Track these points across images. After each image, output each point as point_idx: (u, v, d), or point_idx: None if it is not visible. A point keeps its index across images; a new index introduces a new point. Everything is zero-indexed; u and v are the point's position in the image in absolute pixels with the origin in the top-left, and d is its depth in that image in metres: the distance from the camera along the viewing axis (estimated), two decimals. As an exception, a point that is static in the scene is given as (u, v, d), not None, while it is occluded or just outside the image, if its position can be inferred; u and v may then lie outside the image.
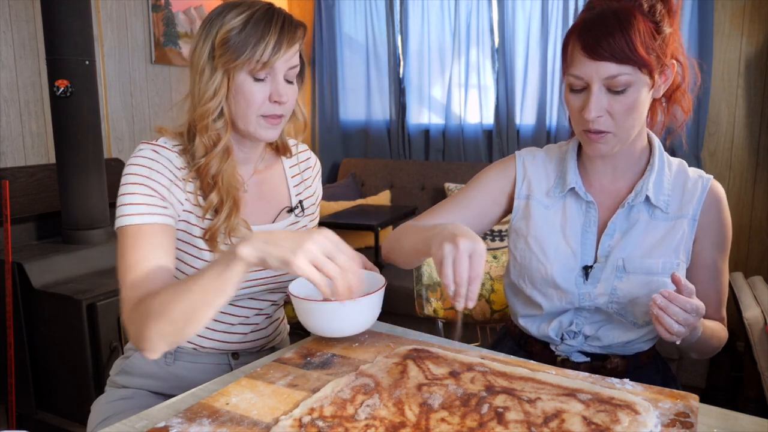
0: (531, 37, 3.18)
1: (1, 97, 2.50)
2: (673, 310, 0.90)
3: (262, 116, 1.01)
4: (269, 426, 0.73)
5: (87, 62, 2.28)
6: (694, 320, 0.91)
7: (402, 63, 3.57)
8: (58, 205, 2.40)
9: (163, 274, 0.93)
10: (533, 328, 1.15)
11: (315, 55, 3.72)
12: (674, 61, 1.02)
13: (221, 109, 1.00)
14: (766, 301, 2.07)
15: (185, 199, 1.01)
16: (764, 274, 2.55)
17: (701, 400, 0.79)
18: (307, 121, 1.14)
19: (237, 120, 1.02)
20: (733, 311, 1.48)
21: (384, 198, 3.44)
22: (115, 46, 2.93)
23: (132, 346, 1.13)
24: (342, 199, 3.34)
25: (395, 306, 2.77)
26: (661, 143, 1.12)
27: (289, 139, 1.19)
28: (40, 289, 2.14)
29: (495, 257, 1.59)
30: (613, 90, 0.97)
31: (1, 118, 2.50)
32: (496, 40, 3.28)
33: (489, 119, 3.39)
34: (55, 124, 2.30)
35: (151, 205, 0.95)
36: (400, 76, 3.59)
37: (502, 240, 2.78)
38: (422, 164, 3.49)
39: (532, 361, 0.93)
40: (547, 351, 1.14)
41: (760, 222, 2.74)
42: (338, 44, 3.74)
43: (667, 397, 0.78)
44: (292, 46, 0.99)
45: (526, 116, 3.27)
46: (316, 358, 0.93)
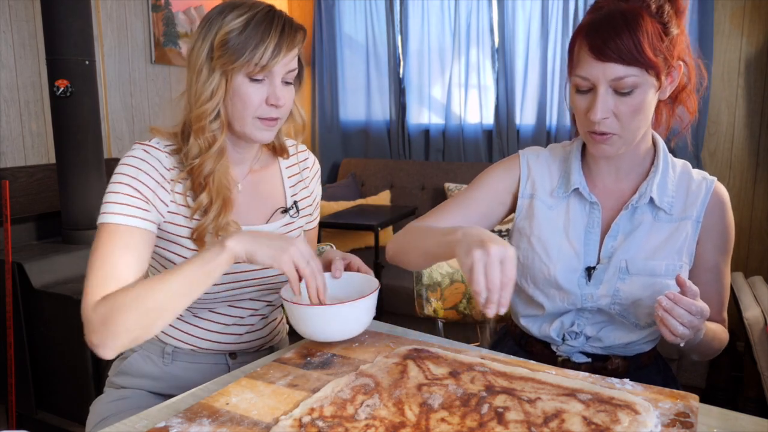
0: (531, 37, 3.18)
1: (1, 97, 2.50)
2: (678, 312, 0.90)
3: (258, 118, 1.00)
4: (269, 426, 0.73)
5: (87, 62, 2.28)
6: (698, 322, 0.91)
7: (402, 63, 3.57)
8: (58, 205, 2.40)
9: (128, 276, 0.92)
10: (534, 328, 1.15)
11: (315, 55, 3.72)
12: (681, 62, 1.01)
13: (218, 111, 0.99)
14: (766, 301, 2.07)
15: (171, 201, 1.01)
16: (764, 274, 2.55)
17: (701, 400, 0.79)
18: (306, 122, 1.13)
19: (233, 121, 1.01)
20: (733, 311, 1.48)
21: (384, 198, 3.44)
22: (115, 46, 2.93)
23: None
24: (342, 199, 3.34)
25: (395, 306, 2.77)
26: (666, 144, 1.11)
27: (288, 139, 1.18)
28: (40, 289, 2.14)
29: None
30: (620, 91, 0.96)
31: (1, 118, 2.50)
32: (496, 40, 3.28)
33: (489, 119, 3.39)
34: (55, 124, 2.30)
35: (134, 207, 0.95)
36: (400, 76, 3.59)
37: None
38: (422, 164, 3.49)
39: (532, 361, 0.92)
40: (548, 351, 1.14)
41: (760, 222, 2.74)
42: (338, 44, 3.74)
43: (667, 397, 0.78)
44: (292, 50, 0.99)
45: (526, 116, 3.28)
46: (316, 358, 0.93)
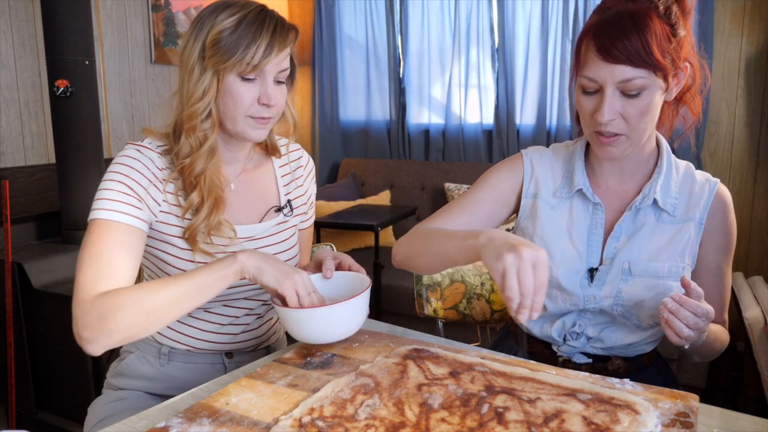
0: (531, 37, 3.18)
1: (1, 97, 2.50)
2: (684, 314, 0.90)
3: (251, 117, 1.00)
4: (269, 426, 0.73)
5: (87, 62, 2.28)
6: (703, 325, 0.91)
7: (402, 63, 3.57)
8: (58, 205, 2.40)
9: (124, 273, 0.92)
10: (536, 329, 1.15)
11: (315, 55, 3.72)
12: (687, 63, 1.00)
13: (209, 110, 0.99)
14: (766, 301, 2.07)
15: (163, 200, 1.01)
16: (764, 274, 2.55)
17: (701, 400, 0.78)
18: (297, 122, 1.13)
19: (225, 120, 1.01)
20: (733, 311, 1.48)
21: (384, 198, 3.44)
22: (115, 46, 2.93)
23: (128, 348, 1.13)
24: (342, 199, 3.34)
25: (395, 306, 2.77)
26: (669, 145, 1.10)
27: (280, 138, 1.18)
28: (40, 289, 2.14)
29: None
30: (627, 93, 0.95)
31: (1, 118, 2.50)
32: (496, 40, 3.28)
33: (489, 119, 3.39)
34: (55, 124, 2.30)
35: (126, 204, 0.96)
36: (400, 76, 3.59)
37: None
38: (422, 164, 3.49)
39: (532, 361, 0.92)
40: (549, 351, 1.14)
41: (760, 222, 2.74)
42: (338, 44, 3.74)
43: (667, 397, 0.78)
44: (284, 50, 0.98)
45: (526, 116, 3.27)
46: (316, 358, 0.93)
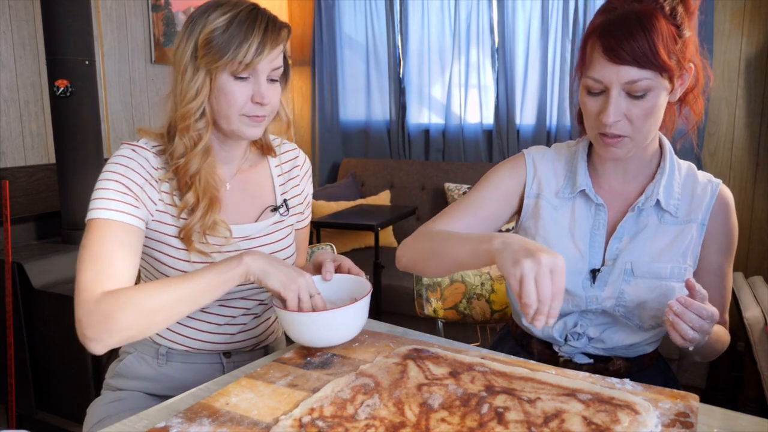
0: (531, 37, 3.18)
1: (1, 97, 2.50)
2: (689, 316, 0.89)
3: (245, 115, 1.00)
4: (269, 426, 0.73)
5: (87, 62, 2.28)
6: (708, 327, 0.91)
7: (402, 63, 3.57)
8: (58, 205, 2.40)
9: (125, 272, 0.92)
10: (537, 329, 1.14)
11: (315, 55, 3.72)
12: (691, 64, 0.99)
13: (203, 109, 1.00)
14: (766, 301, 2.07)
15: (159, 199, 1.01)
16: (764, 274, 2.55)
17: (701, 400, 0.79)
18: (291, 121, 1.13)
19: (219, 119, 1.01)
20: (733, 311, 1.48)
21: (384, 198, 3.44)
22: (115, 46, 2.93)
23: (126, 348, 1.13)
24: (342, 199, 3.34)
25: (395, 306, 2.77)
26: (672, 146, 1.10)
27: (275, 138, 1.18)
28: (40, 289, 2.14)
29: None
30: (633, 95, 0.95)
31: (1, 118, 2.50)
32: (496, 40, 3.27)
33: (489, 119, 3.39)
34: (55, 124, 2.30)
35: (124, 203, 0.95)
36: (400, 76, 3.59)
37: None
38: (422, 164, 3.49)
39: (532, 361, 0.92)
40: (549, 351, 1.14)
41: (760, 222, 2.74)
42: (338, 44, 3.73)
43: (667, 397, 0.78)
44: (276, 48, 0.99)
45: (526, 116, 3.27)
46: (316, 358, 0.93)
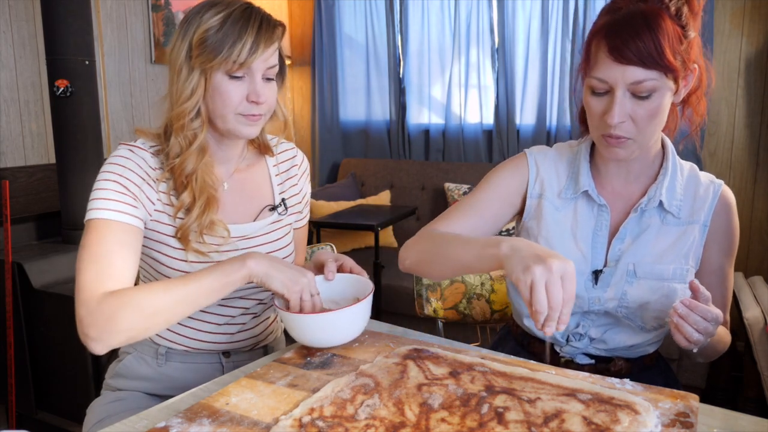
0: (531, 37, 3.18)
1: (1, 97, 2.50)
2: (694, 319, 0.89)
3: (241, 114, 1.00)
4: (269, 426, 0.73)
5: (87, 62, 2.28)
6: (713, 329, 0.91)
7: (402, 63, 3.57)
8: (58, 205, 2.40)
9: (125, 272, 0.92)
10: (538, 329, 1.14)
11: (315, 55, 3.72)
12: (695, 65, 0.99)
13: (198, 109, 1.00)
14: (766, 301, 2.07)
15: (157, 199, 1.02)
16: (764, 274, 2.55)
17: (701, 400, 0.79)
18: (288, 120, 1.13)
19: (215, 119, 1.01)
20: (733, 311, 1.48)
21: (384, 198, 3.44)
22: (115, 46, 2.93)
23: (126, 349, 1.13)
24: (342, 199, 3.33)
25: (395, 306, 2.76)
26: (674, 146, 1.09)
27: (272, 138, 1.19)
28: (40, 289, 2.14)
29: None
30: (638, 95, 0.94)
31: (1, 118, 2.50)
32: (496, 40, 3.27)
33: (489, 119, 3.39)
34: (55, 124, 2.30)
35: (123, 203, 0.95)
36: (400, 76, 3.59)
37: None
38: (422, 164, 3.48)
39: (532, 361, 0.92)
40: (551, 352, 1.14)
41: (760, 222, 2.74)
42: (338, 44, 3.73)
43: (667, 397, 0.78)
44: (270, 46, 0.98)
45: (526, 116, 3.27)
46: (316, 358, 0.93)
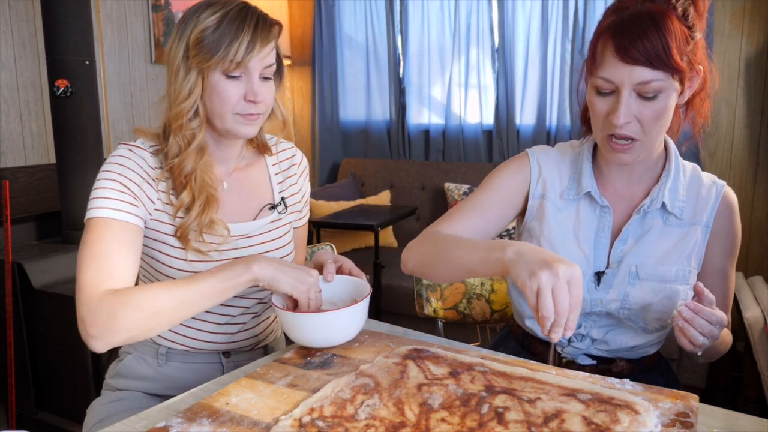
0: (531, 37, 3.18)
1: (1, 97, 2.50)
2: (699, 322, 0.89)
3: (239, 114, 1.01)
4: (269, 426, 0.73)
5: (87, 62, 2.28)
6: (718, 332, 0.91)
7: (402, 63, 3.57)
8: (58, 205, 2.40)
9: (125, 270, 0.92)
10: (540, 330, 1.14)
11: (315, 55, 3.72)
12: (700, 67, 0.98)
13: (196, 108, 1.00)
14: (766, 301, 2.07)
15: (157, 198, 1.02)
16: (764, 274, 2.55)
17: (701, 400, 0.79)
18: (286, 119, 1.13)
19: (213, 118, 1.02)
20: (733, 311, 1.48)
21: (384, 198, 3.44)
22: (115, 46, 2.93)
23: (126, 349, 1.13)
24: (342, 199, 3.33)
25: (395, 306, 2.76)
26: (677, 148, 1.09)
27: (271, 137, 1.19)
28: (40, 289, 2.14)
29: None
30: (644, 96, 0.94)
31: (1, 118, 2.50)
32: (496, 40, 3.27)
33: (489, 119, 3.39)
34: (55, 124, 2.30)
35: (123, 202, 0.96)
36: (400, 76, 3.59)
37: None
38: (422, 164, 3.49)
39: (532, 361, 0.92)
40: (552, 353, 1.13)
41: (760, 222, 2.74)
42: (338, 44, 3.73)
43: (667, 397, 0.78)
44: (267, 45, 0.99)
45: (526, 116, 3.27)
46: (316, 358, 0.93)
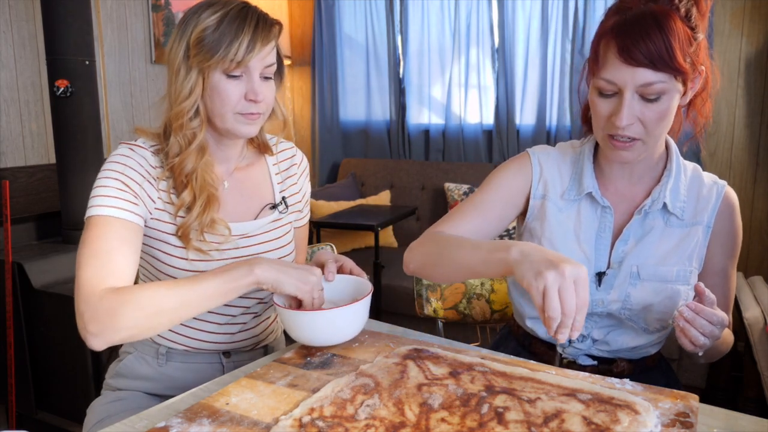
0: (531, 37, 3.18)
1: (1, 97, 2.50)
2: (700, 323, 0.89)
3: (239, 113, 1.01)
4: (269, 426, 0.73)
5: (87, 62, 2.28)
6: (719, 332, 0.91)
7: (402, 63, 3.57)
8: (58, 205, 2.40)
9: (125, 268, 0.92)
10: (541, 330, 1.14)
11: (315, 55, 3.72)
12: (702, 67, 0.98)
13: (197, 108, 1.00)
14: (766, 301, 2.07)
15: (157, 197, 1.02)
16: (764, 274, 2.55)
17: (701, 400, 0.79)
18: (287, 119, 1.13)
19: (214, 118, 1.02)
20: (733, 311, 1.48)
21: (384, 198, 3.44)
22: (115, 46, 2.93)
23: (126, 348, 1.13)
24: (342, 199, 3.33)
25: (395, 306, 2.77)
26: (678, 148, 1.09)
27: (271, 137, 1.19)
28: (40, 289, 2.14)
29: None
30: (646, 97, 0.93)
31: (1, 118, 2.50)
32: (496, 40, 3.27)
33: (489, 119, 3.39)
34: (55, 124, 2.30)
35: (124, 200, 0.96)
36: (400, 76, 3.59)
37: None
38: (422, 164, 3.49)
39: (532, 361, 0.92)
40: (551, 352, 1.14)
41: (760, 222, 2.74)
42: (338, 44, 3.73)
43: (667, 397, 0.78)
44: (267, 44, 0.99)
45: (526, 116, 3.27)
46: (316, 358, 0.93)
